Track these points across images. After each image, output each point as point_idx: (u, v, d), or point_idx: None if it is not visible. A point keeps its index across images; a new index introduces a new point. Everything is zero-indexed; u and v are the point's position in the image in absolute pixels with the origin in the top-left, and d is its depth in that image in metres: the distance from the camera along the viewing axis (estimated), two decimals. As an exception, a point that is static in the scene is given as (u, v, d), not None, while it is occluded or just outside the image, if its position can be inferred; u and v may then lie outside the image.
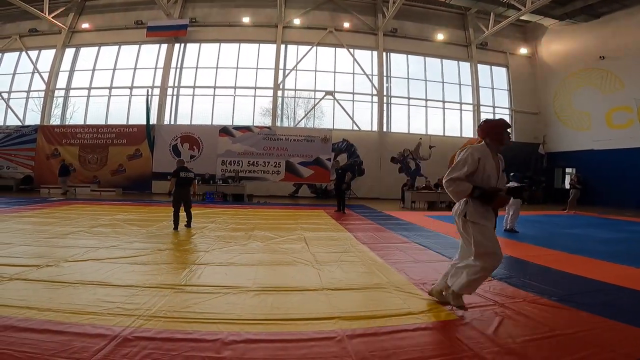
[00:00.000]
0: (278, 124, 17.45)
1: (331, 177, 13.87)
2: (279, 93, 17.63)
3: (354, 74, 17.97)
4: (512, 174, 7.82)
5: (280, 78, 17.45)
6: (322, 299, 3.36)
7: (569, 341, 2.51)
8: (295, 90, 17.97)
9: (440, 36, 18.31)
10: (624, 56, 14.83)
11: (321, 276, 4.11)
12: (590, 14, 15.99)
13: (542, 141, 18.58)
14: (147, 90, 16.44)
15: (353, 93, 17.92)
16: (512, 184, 7.51)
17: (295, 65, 17.65)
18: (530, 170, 17.89)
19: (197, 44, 17.68)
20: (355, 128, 17.71)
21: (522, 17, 16.85)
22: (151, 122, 16.20)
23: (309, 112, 17.95)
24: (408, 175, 16.83)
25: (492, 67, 19.38)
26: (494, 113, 19.06)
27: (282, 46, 17.56)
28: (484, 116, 18.67)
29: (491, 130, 2.98)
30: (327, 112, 18.00)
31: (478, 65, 18.77)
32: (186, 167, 7.13)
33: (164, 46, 17.40)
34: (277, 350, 2.36)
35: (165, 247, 5.52)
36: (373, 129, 17.79)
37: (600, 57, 15.73)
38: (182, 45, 17.61)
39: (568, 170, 17.22)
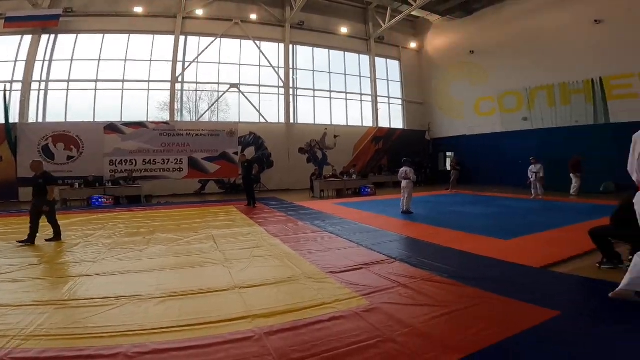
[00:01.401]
0: (177, 118, 16.15)
1: (239, 171, 13.44)
2: (178, 87, 16.28)
3: (260, 66, 17.59)
4: (403, 159, 8.69)
5: (179, 71, 16.11)
6: (235, 299, 3.26)
7: (463, 317, 2.74)
8: (196, 83, 16.79)
9: (344, 29, 18.98)
10: (488, 51, 17.19)
11: (232, 275, 3.98)
12: (465, 11, 17.90)
13: (427, 128, 20.92)
14: (4, 86, 13.57)
15: (259, 85, 17.57)
16: (407, 168, 8.34)
17: (196, 58, 16.46)
18: (420, 156, 20.03)
19: (74, 35, 15.07)
20: (263, 120, 17.46)
21: (412, 13, 18.35)
22: (11, 121, 13.44)
23: (213, 105, 17.03)
24: (316, 165, 17.29)
25: (388, 60, 20.92)
26: (389, 103, 20.76)
27: (182, 37, 16.18)
28: (381, 106, 20.27)
29: None
30: (233, 105, 17.33)
31: (376, 58, 20.07)
32: (45, 173, 6.07)
33: (27, 38, 14.44)
34: (190, 358, 2.22)
35: (40, 262, 4.74)
36: (280, 121, 17.77)
37: (470, 51, 18.00)
38: (53, 36, 14.82)
39: (449, 154, 19.71)
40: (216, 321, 2.74)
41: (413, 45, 21.30)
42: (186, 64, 16.34)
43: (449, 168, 16.66)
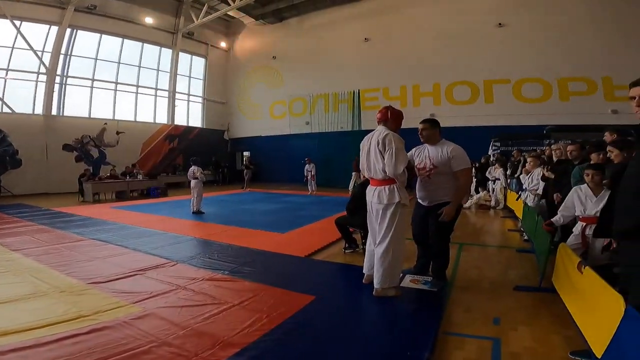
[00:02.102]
0: None
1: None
2: None
3: (13, 48, 13.12)
4: (192, 158, 8.37)
5: None
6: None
7: (240, 312, 2.82)
8: None
9: (149, 20, 16.69)
10: (287, 58, 18.65)
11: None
12: (277, 17, 18.70)
13: (226, 128, 21.08)
14: None
15: (8, 70, 13.08)
16: (195, 167, 8.04)
17: None
18: (218, 155, 19.95)
19: None
20: (7, 110, 13.11)
21: (229, 13, 17.90)
22: None
23: None
24: (89, 164, 14.38)
25: (193, 56, 19.75)
26: (188, 101, 19.63)
27: None
28: (178, 103, 18.84)
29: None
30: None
31: (180, 53, 18.57)
32: None
33: None
34: None
35: None
36: (37, 112, 13.84)
37: (273, 56, 19.16)
38: None
39: (246, 153, 20.41)
40: None
41: (223, 44, 20.94)
42: None
43: (243, 167, 17.24)
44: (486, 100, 13.76)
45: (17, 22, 13.09)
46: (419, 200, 3.41)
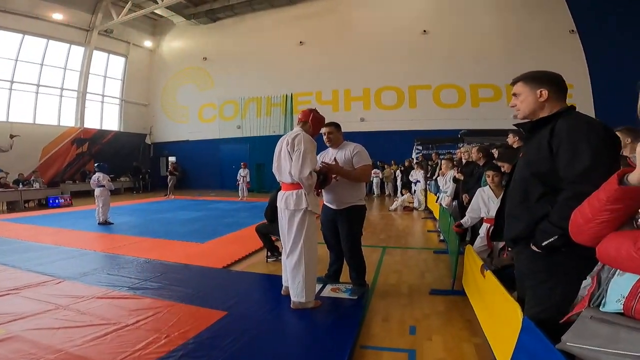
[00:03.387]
0: None
1: None
2: None
3: None
4: (96, 164, 7.48)
5: None
6: None
7: (133, 332, 2.48)
8: None
9: (58, 16, 14.58)
10: (219, 59, 17.78)
11: None
12: (210, 18, 17.70)
13: (149, 132, 19.42)
14: None
15: None
16: (100, 174, 7.19)
17: None
18: (138, 160, 18.30)
19: None
20: None
21: (158, 12, 16.50)
22: None
23: None
24: (-25, 170, 12.15)
25: (111, 55, 17.75)
26: (102, 102, 17.67)
27: None
28: (90, 104, 16.85)
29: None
30: None
31: (95, 51, 16.57)
32: None
33: None
34: None
35: None
36: None
37: (203, 57, 18.12)
38: None
39: (171, 159, 18.97)
40: None
41: (148, 43, 19.25)
42: None
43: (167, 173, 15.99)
44: (410, 105, 14.55)
45: None
46: (327, 204, 3.29)
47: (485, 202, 3.27)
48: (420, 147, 12.96)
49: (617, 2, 11.69)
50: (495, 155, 4.50)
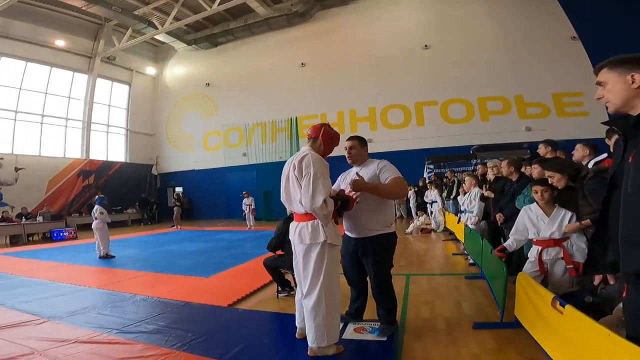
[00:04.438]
0: None
1: None
2: None
3: None
4: (96, 196, 7.19)
5: None
6: None
7: None
8: None
9: (60, 43, 14.90)
10: (222, 85, 17.80)
11: None
12: (211, 43, 17.90)
13: (155, 162, 19.29)
14: None
15: None
16: (96, 207, 6.93)
17: None
18: (145, 191, 18.10)
19: None
20: None
21: (158, 38, 16.73)
22: None
23: None
24: (-20, 205, 12.06)
25: (114, 83, 17.89)
26: (107, 132, 17.73)
27: None
28: (95, 135, 16.89)
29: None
30: None
31: (98, 79, 16.73)
32: None
33: None
34: None
35: None
36: None
37: (206, 83, 18.12)
38: None
39: (178, 189, 18.77)
40: None
41: (151, 71, 19.43)
42: None
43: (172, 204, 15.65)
44: (418, 122, 14.22)
45: None
46: (347, 232, 2.78)
47: (533, 222, 2.81)
48: (431, 166, 12.54)
49: (614, 7, 11.43)
50: (525, 170, 4.09)
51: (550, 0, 12.70)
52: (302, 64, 16.21)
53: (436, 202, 8.98)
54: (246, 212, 12.07)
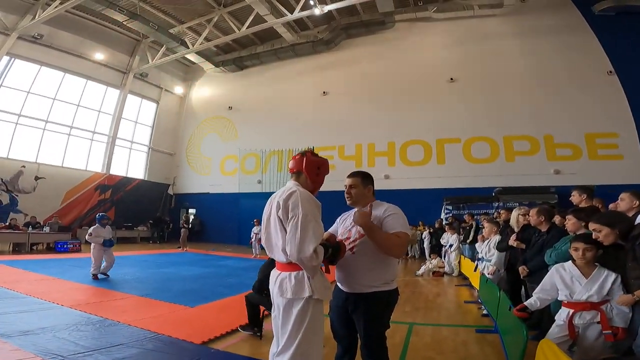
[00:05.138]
0: None
1: None
2: None
3: None
4: (98, 215, 6.96)
5: None
6: None
7: None
8: None
9: (99, 56, 15.66)
10: (244, 109, 17.93)
11: None
12: (238, 66, 18.21)
13: (172, 182, 19.40)
14: None
15: None
16: (92, 228, 6.70)
17: None
18: (159, 210, 18.10)
19: None
20: None
21: (190, 58, 17.30)
22: None
23: None
24: (-7, 211, 12.29)
25: (143, 100, 18.40)
26: (130, 148, 18.11)
27: None
28: (119, 150, 17.26)
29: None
30: None
31: (129, 95, 17.30)
32: None
33: None
34: None
35: None
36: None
37: (229, 107, 18.29)
38: None
39: (192, 211, 18.59)
40: None
41: (179, 90, 19.95)
42: None
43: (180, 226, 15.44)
44: (438, 160, 13.66)
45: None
46: (338, 283, 2.25)
47: (566, 283, 2.36)
48: (449, 207, 11.93)
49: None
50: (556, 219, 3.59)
51: (585, 34, 12.25)
52: (324, 92, 16.23)
53: (453, 245, 8.35)
54: (253, 240, 11.71)
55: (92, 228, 6.68)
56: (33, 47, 13.80)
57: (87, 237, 6.54)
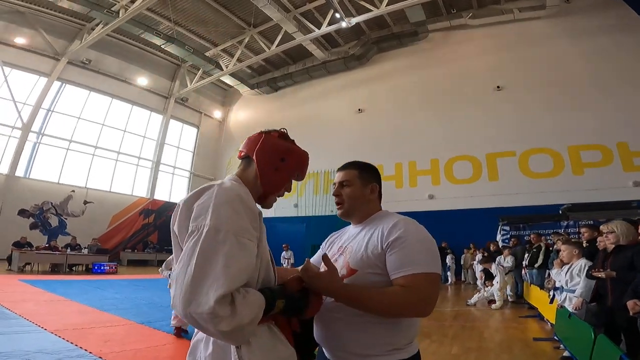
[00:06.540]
0: None
1: None
2: None
3: None
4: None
5: None
6: None
7: None
8: None
9: (143, 81, 16.59)
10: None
11: None
12: (272, 87, 18.47)
13: (211, 207, 19.48)
14: None
15: None
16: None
17: None
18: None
19: None
20: None
21: (225, 81, 17.82)
22: None
23: None
24: (46, 232, 12.99)
25: (185, 125, 19.10)
26: (173, 174, 18.63)
27: None
28: (163, 176, 17.77)
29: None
30: None
31: (171, 120, 18.04)
32: None
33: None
34: None
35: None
36: (0, 171, 12.82)
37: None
38: None
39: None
40: None
41: (218, 114, 20.52)
42: None
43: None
44: (490, 177, 12.26)
45: (7, 70, 12.82)
46: (321, 345, 1.23)
47: None
48: (506, 227, 10.38)
49: None
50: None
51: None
52: (359, 109, 15.65)
53: (512, 270, 7.00)
54: (285, 265, 11.04)
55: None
56: (82, 72, 14.81)
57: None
